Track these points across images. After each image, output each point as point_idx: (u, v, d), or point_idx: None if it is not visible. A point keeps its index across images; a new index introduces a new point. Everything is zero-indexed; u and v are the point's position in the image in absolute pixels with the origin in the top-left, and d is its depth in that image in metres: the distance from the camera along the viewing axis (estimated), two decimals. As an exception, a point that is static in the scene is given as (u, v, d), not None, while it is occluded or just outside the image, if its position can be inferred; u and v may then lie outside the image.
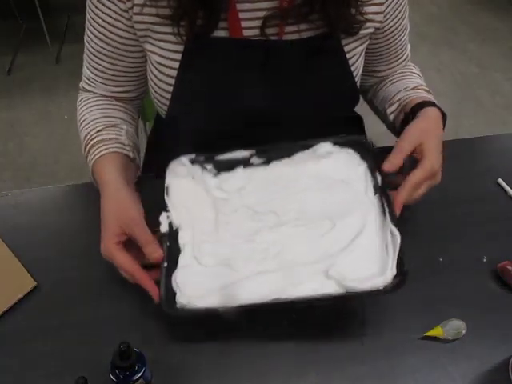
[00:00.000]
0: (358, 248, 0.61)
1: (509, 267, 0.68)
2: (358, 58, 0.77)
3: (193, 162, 0.72)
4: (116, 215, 0.64)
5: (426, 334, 0.63)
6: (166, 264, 0.61)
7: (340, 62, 0.74)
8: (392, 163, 0.66)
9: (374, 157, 0.70)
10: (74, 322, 0.64)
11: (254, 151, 0.72)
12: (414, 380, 0.59)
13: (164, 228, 0.65)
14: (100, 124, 0.76)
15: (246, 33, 0.70)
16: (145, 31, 0.70)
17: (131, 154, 0.74)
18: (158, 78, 0.74)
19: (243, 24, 0.69)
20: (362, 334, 0.62)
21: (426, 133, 0.69)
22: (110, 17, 0.70)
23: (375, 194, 0.67)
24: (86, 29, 0.74)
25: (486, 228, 0.77)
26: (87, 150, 0.74)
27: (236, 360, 0.61)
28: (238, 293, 0.58)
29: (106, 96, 0.80)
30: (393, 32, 0.80)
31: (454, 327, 0.62)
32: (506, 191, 0.82)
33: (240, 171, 0.72)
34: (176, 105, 0.76)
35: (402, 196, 0.65)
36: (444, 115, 0.75)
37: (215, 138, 0.81)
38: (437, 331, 0.62)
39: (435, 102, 0.79)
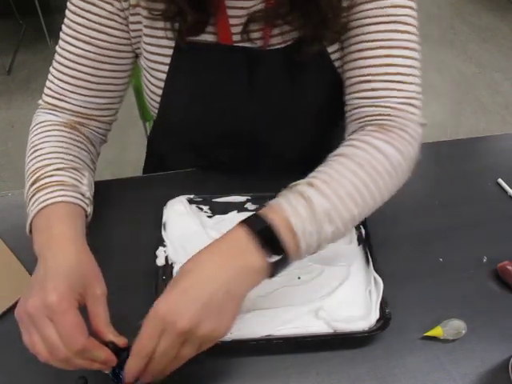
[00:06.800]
0: (344, 293, 0.66)
1: (509, 267, 0.68)
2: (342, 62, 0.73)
3: (190, 201, 0.77)
4: (78, 272, 0.53)
5: (425, 334, 0.63)
6: None
7: (326, 66, 0.71)
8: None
9: None
10: (74, 321, 0.64)
11: (249, 197, 0.77)
12: (414, 380, 0.59)
13: (160, 262, 0.69)
14: (59, 161, 0.65)
15: (236, 38, 0.69)
16: (138, 32, 0.70)
17: (88, 210, 0.64)
18: (150, 82, 0.74)
19: (233, 30, 0.68)
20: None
21: (177, 278, 0.52)
22: (103, 17, 0.67)
23: (359, 244, 0.72)
24: (63, 34, 0.69)
25: (486, 228, 0.77)
26: (38, 186, 0.61)
27: (236, 359, 0.61)
28: (232, 328, 0.60)
29: (74, 119, 0.72)
30: (357, 43, 0.67)
31: (453, 327, 0.62)
32: (506, 191, 0.83)
33: (234, 215, 0.76)
34: (165, 109, 0.75)
35: (129, 368, 0.50)
36: (260, 232, 0.52)
37: (202, 141, 0.82)
38: (437, 331, 0.62)
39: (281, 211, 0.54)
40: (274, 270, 0.53)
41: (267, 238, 0.52)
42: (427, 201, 0.81)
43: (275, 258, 0.52)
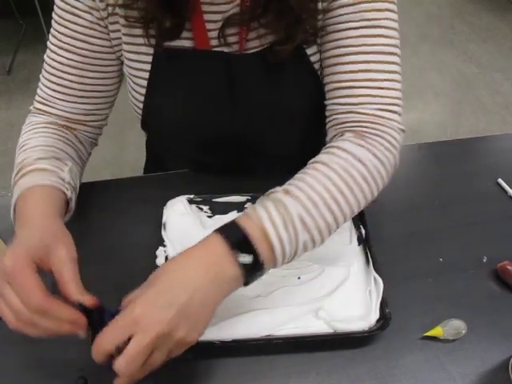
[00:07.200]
0: (344, 293, 0.66)
1: (509, 267, 0.68)
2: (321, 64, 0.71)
3: (190, 201, 0.77)
4: (40, 239, 0.53)
5: (425, 334, 0.63)
6: None
7: (306, 68, 0.71)
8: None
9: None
10: (73, 321, 0.64)
11: (249, 197, 0.77)
12: (414, 380, 0.59)
13: (160, 262, 0.69)
14: (43, 152, 0.67)
15: (214, 43, 0.69)
16: (118, 40, 0.70)
17: (68, 193, 0.65)
18: (132, 89, 0.75)
19: (210, 34, 0.68)
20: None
21: (154, 277, 0.52)
22: (84, 26, 0.68)
23: (359, 244, 0.72)
24: (49, 43, 0.72)
25: (486, 228, 0.77)
26: (20, 174, 0.64)
27: (236, 359, 0.61)
28: (232, 328, 0.61)
29: (61, 123, 0.74)
30: (335, 48, 0.65)
31: (453, 327, 0.62)
32: (506, 191, 0.83)
33: (234, 215, 0.76)
34: (148, 115, 0.76)
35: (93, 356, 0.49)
36: (235, 242, 0.52)
37: (188, 145, 0.82)
38: (437, 331, 0.62)
39: (252, 219, 0.54)
40: (249, 278, 0.53)
41: (242, 246, 0.52)
42: (427, 201, 0.81)
43: (250, 266, 0.52)
